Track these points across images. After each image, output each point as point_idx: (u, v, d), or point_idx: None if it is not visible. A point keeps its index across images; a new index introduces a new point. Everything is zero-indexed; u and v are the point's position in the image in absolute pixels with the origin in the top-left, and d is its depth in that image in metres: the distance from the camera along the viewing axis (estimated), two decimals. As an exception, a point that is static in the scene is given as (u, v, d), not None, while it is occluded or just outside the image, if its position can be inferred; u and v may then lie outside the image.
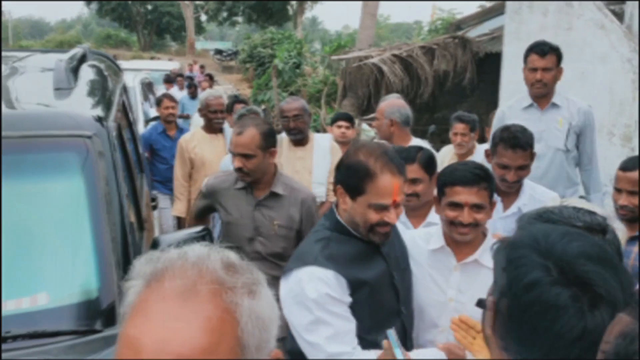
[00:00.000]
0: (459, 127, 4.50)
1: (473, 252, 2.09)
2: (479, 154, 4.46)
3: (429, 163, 2.63)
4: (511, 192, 2.85)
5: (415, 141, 3.96)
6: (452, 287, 2.12)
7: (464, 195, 2.05)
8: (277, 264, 2.73)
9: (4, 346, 1.65)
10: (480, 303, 1.85)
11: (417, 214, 2.66)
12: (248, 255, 2.57)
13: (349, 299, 1.87)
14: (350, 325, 1.85)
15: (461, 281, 2.10)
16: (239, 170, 2.79)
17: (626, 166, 2.59)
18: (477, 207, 2.04)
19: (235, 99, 5.21)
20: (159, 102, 5.94)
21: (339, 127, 4.66)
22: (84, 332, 1.75)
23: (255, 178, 2.81)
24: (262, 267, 2.62)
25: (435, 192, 2.24)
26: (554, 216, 1.45)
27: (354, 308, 1.87)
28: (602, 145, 4.94)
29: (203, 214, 3.11)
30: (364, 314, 1.89)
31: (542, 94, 3.54)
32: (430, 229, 2.28)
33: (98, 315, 1.81)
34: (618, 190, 2.60)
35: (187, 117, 8.61)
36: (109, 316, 1.81)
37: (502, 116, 3.75)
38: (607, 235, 1.45)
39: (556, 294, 0.94)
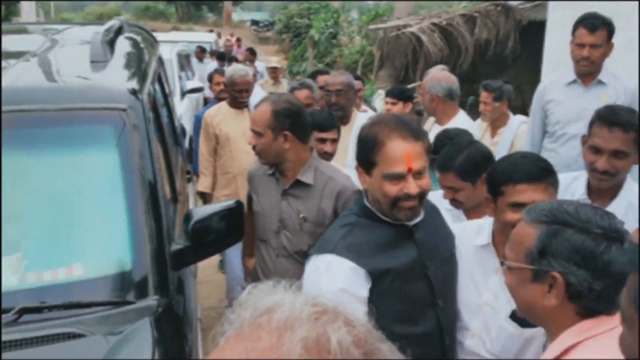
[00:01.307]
0: (482, 95, 4.38)
1: None
2: (512, 125, 4.33)
3: (468, 169, 2.26)
4: (604, 191, 2.30)
5: (461, 115, 3.82)
6: (489, 290, 1.91)
7: (529, 193, 1.77)
8: (303, 264, 2.48)
9: (39, 315, 1.70)
10: (514, 315, 1.76)
11: (474, 213, 2.32)
12: (275, 250, 2.57)
13: (365, 293, 1.74)
14: None
15: (500, 286, 1.84)
16: (253, 148, 2.60)
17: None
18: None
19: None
20: (210, 79, 5.88)
21: (386, 103, 4.60)
22: (117, 304, 1.79)
23: (269, 162, 2.58)
24: (287, 265, 2.57)
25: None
26: (569, 218, 1.32)
27: (378, 298, 1.75)
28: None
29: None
30: (390, 304, 1.76)
31: (588, 72, 3.29)
32: (483, 221, 2.02)
33: (131, 286, 1.84)
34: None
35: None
36: (142, 288, 1.84)
37: (542, 91, 3.55)
38: (624, 244, 1.29)
39: None
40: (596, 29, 3.20)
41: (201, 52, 12.48)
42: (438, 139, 2.90)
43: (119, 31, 3.05)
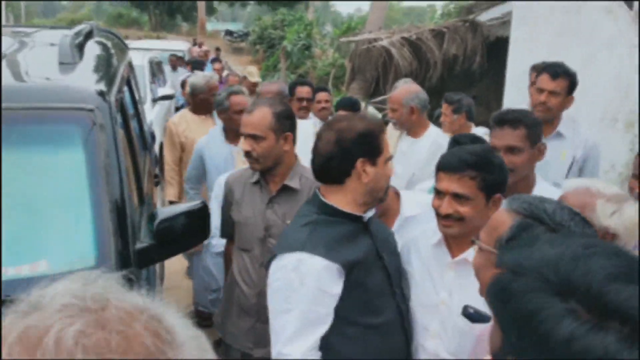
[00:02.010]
0: (443, 106, 4.55)
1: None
2: None
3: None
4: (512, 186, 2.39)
5: (433, 127, 3.92)
6: (445, 287, 1.96)
7: (445, 182, 1.90)
8: None
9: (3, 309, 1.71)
10: (465, 310, 1.81)
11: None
12: (258, 259, 2.51)
13: (338, 290, 1.82)
14: (320, 328, 1.82)
15: (454, 282, 1.93)
16: (247, 154, 2.52)
17: None
18: (458, 197, 1.87)
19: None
20: (182, 86, 5.84)
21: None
22: (81, 298, 1.81)
23: (266, 167, 2.52)
24: None
25: None
26: (544, 216, 1.37)
27: (344, 291, 1.83)
28: (606, 131, 4.93)
29: (232, 226, 2.71)
30: (354, 295, 1.85)
31: (544, 118, 3.02)
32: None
33: (96, 282, 1.87)
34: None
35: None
36: (107, 284, 1.87)
37: None
38: None
39: (602, 343, 0.73)
40: (558, 76, 3.15)
41: (176, 60, 12.20)
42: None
43: (88, 35, 3.08)
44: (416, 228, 2.22)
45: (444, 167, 1.93)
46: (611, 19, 4.93)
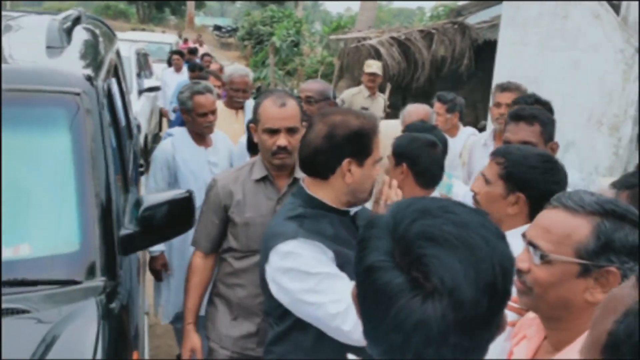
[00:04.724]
0: (436, 106, 4.55)
1: None
2: (462, 136, 4.50)
3: None
4: None
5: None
6: None
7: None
8: None
9: None
10: None
11: None
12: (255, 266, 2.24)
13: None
14: (345, 282, 1.74)
15: None
16: (283, 150, 2.37)
17: None
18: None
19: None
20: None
21: None
22: (64, 282, 1.80)
23: (292, 160, 2.43)
24: None
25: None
26: (622, 211, 1.26)
27: None
28: (590, 134, 4.99)
29: (222, 233, 2.53)
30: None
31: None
32: None
33: (78, 267, 1.85)
34: None
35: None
36: (90, 269, 1.85)
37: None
38: None
39: (388, 280, 0.83)
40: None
41: (180, 60, 9.48)
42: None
43: (76, 20, 3.04)
44: None
45: None
46: (597, 24, 4.99)
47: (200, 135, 3.58)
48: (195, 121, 3.52)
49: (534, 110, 2.54)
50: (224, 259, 2.55)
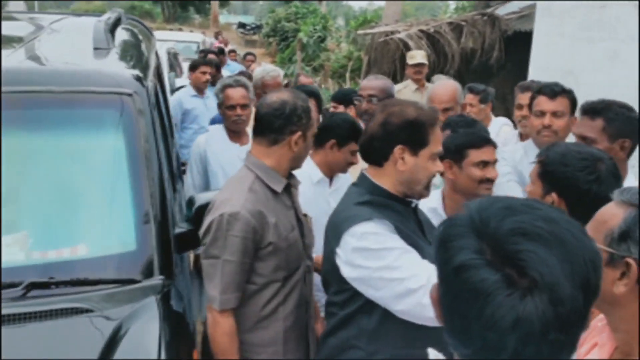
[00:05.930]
0: (468, 97, 4.46)
1: None
2: (494, 126, 4.43)
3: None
4: None
5: None
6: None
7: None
8: None
9: (48, 291, 1.72)
10: None
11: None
12: (299, 282, 2.08)
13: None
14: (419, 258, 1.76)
15: None
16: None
17: None
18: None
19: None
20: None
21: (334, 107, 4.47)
22: (123, 282, 1.82)
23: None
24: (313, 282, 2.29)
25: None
26: (623, 196, 1.25)
27: None
28: (632, 125, 4.87)
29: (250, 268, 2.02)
30: None
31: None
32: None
33: (137, 266, 1.87)
34: None
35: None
36: (147, 268, 1.87)
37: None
38: None
39: (483, 278, 0.81)
40: (556, 95, 2.77)
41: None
42: None
43: (117, 22, 3.08)
44: None
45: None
46: (637, 13, 4.87)
47: (235, 132, 3.55)
48: (225, 115, 3.51)
49: (602, 104, 2.35)
50: (262, 296, 2.07)
